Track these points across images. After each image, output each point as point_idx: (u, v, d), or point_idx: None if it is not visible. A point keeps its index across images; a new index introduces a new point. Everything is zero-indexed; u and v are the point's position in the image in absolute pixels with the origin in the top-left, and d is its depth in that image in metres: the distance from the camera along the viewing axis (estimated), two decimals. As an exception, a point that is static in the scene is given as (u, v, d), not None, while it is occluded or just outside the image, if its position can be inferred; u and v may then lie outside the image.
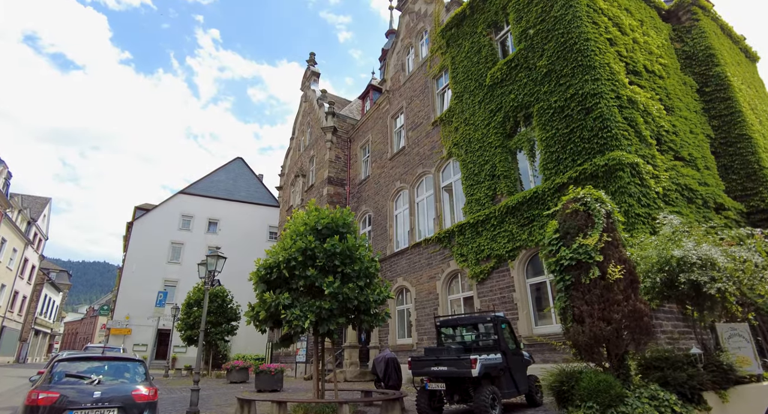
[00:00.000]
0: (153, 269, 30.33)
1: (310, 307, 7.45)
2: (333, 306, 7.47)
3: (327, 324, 7.53)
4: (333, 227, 8.47)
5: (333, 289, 7.52)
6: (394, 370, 11.30)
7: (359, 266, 8.02)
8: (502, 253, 11.75)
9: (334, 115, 23.74)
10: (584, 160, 10.10)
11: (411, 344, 14.76)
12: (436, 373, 6.99)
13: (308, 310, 7.44)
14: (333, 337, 7.89)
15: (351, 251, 8.07)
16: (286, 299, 7.53)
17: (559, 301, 6.69)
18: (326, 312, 7.46)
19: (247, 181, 36.58)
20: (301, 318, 7.36)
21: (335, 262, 7.94)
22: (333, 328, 7.62)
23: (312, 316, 7.28)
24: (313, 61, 30.01)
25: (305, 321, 7.25)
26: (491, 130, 13.14)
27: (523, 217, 11.33)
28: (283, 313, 7.44)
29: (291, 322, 7.35)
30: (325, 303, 7.45)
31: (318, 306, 7.42)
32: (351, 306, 7.70)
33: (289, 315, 7.33)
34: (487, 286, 12.17)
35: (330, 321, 7.58)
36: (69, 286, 61.38)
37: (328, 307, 7.43)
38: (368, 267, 8.18)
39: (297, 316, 7.35)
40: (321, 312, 7.43)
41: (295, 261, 7.85)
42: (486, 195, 12.78)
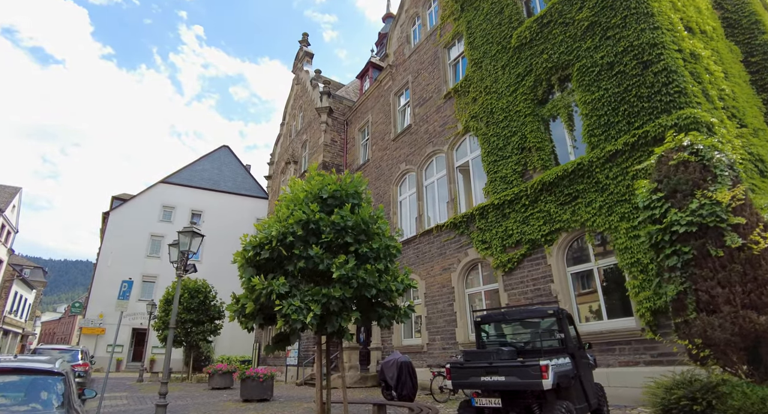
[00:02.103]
0: (130, 264, 27.94)
1: (314, 297, 5.52)
2: (346, 294, 5.53)
3: (337, 319, 5.59)
4: (342, 196, 6.55)
5: (345, 271, 5.59)
6: (409, 377, 9.41)
7: (378, 244, 6.10)
8: (536, 238, 9.95)
9: (329, 95, 21.77)
10: (644, 122, 8.34)
11: (420, 345, 12.89)
12: (488, 384, 5.12)
13: (311, 301, 5.51)
14: (345, 338, 5.95)
15: (367, 225, 6.15)
16: (282, 286, 5.59)
17: (673, 284, 4.85)
18: (336, 303, 5.53)
19: (234, 171, 34.31)
20: (301, 311, 5.42)
21: (346, 239, 6.01)
22: (345, 326, 5.68)
23: (317, 309, 5.34)
24: (306, 41, 27.98)
25: (307, 315, 5.31)
26: (519, 97, 11.34)
27: (564, 194, 9.54)
28: (278, 305, 5.48)
29: (288, 316, 5.40)
30: (335, 290, 5.52)
31: (325, 294, 5.48)
32: (368, 295, 5.77)
33: (286, 307, 5.38)
34: (517, 276, 10.35)
35: (341, 315, 5.65)
36: (44, 284, 58.18)
37: (339, 295, 5.50)
38: (389, 245, 6.27)
39: (296, 309, 5.41)
40: (329, 303, 5.50)
41: (293, 236, 5.91)
42: (514, 171, 10.96)
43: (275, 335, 6.47)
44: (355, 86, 25.41)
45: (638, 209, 5.28)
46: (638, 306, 7.71)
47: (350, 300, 5.72)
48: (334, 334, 5.84)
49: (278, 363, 20.74)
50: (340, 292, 5.49)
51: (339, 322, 5.59)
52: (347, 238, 6.04)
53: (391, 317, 6.24)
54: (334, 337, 5.93)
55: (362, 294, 5.82)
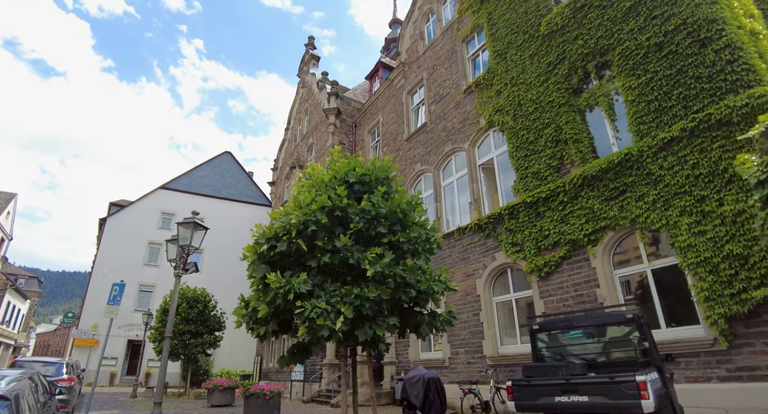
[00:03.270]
0: (127, 272, 26.74)
1: (344, 298, 4.48)
2: (382, 296, 4.49)
3: (371, 326, 4.54)
4: (371, 181, 5.57)
5: (380, 267, 4.57)
6: (437, 395, 8.28)
7: (417, 234, 5.08)
8: (577, 238, 8.92)
9: (337, 97, 20.97)
10: (705, 105, 7.40)
11: (441, 359, 11.74)
12: (567, 407, 4.06)
13: (340, 303, 4.46)
14: (379, 349, 4.90)
15: (404, 213, 5.15)
16: (304, 284, 4.55)
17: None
18: (371, 305, 4.49)
19: (236, 178, 33.38)
20: (328, 315, 4.37)
21: (379, 229, 5.01)
22: (381, 334, 4.62)
23: (348, 312, 4.30)
24: (312, 45, 27.38)
25: (336, 319, 4.26)
26: (551, 86, 10.44)
27: (609, 189, 8.55)
28: (299, 308, 4.44)
29: (312, 321, 4.35)
30: (370, 290, 4.48)
31: (358, 295, 4.45)
32: (407, 298, 4.73)
33: (310, 309, 4.35)
34: (554, 282, 9.29)
35: (375, 321, 4.60)
36: (39, 294, 56.76)
37: (374, 296, 4.46)
38: (429, 237, 5.26)
39: (322, 312, 4.36)
40: (362, 305, 4.45)
41: (316, 225, 4.89)
42: (548, 166, 9.99)
43: (293, 345, 5.41)
44: (362, 89, 24.67)
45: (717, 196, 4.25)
46: (708, 312, 6.65)
47: (386, 302, 4.67)
48: (366, 344, 4.78)
49: (281, 378, 19.47)
50: (376, 292, 4.45)
51: (373, 330, 4.54)
52: (380, 228, 5.03)
53: (432, 324, 5.19)
54: (365, 347, 4.87)
55: (398, 296, 4.78)
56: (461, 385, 9.00)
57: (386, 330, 4.62)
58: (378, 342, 4.80)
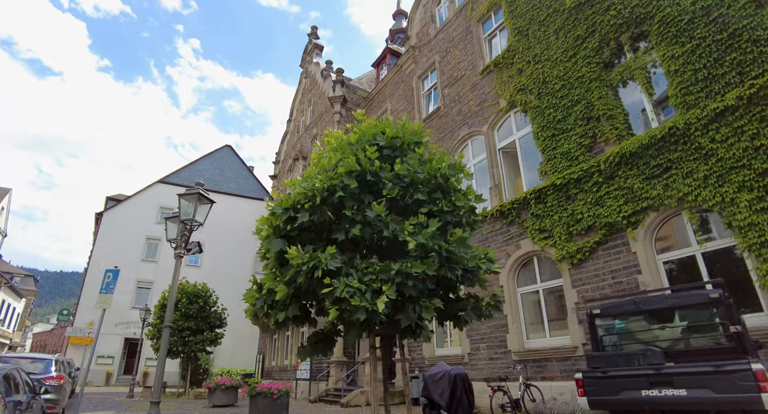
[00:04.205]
0: (124, 268, 25.81)
1: (382, 275, 3.72)
2: (428, 271, 3.73)
3: (414, 308, 3.78)
4: (403, 145, 4.81)
5: (424, 239, 3.81)
6: (465, 394, 7.53)
7: (463, 203, 4.33)
8: (615, 221, 8.18)
9: (343, 85, 20.20)
10: (766, 69, 6.66)
11: (460, 355, 10.99)
12: (658, 402, 3.31)
13: (377, 280, 3.70)
14: (423, 337, 4.15)
15: (445, 178, 4.39)
16: (333, 259, 3.78)
17: None
18: (414, 284, 3.72)
19: (236, 172, 32.57)
20: (363, 294, 3.60)
21: (417, 197, 4.24)
22: (429, 319, 3.85)
23: (391, 291, 3.53)
24: (316, 34, 26.59)
25: (378, 299, 3.49)
26: (580, 61, 9.71)
27: (650, 166, 7.81)
28: (327, 286, 3.68)
29: (345, 301, 3.59)
30: (414, 265, 3.71)
31: (400, 272, 3.68)
32: (454, 276, 3.97)
33: (342, 288, 3.58)
34: (588, 269, 8.55)
35: (418, 302, 3.83)
36: (35, 293, 55.88)
37: (419, 272, 3.70)
38: (474, 207, 4.50)
39: (355, 291, 3.59)
40: (404, 283, 3.69)
41: (344, 191, 4.13)
42: (579, 145, 9.25)
43: (313, 334, 4.66)
44: (368, 78, 23.90)
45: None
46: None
47: (431, 280, 3.91)
48: (406, 332, 4.02)
49: (285, 377, 18.71)
50: (421, 267, 3.69)
51: (418, 313, 3.77)
52: (418, 194, 4.27)
53: (477, 310, 4.42)
54: (404, 335, 4.11)
55: (443, 274, 4.02)
56: (489, 382, 8.26)
57: (432, 313, 3.86)
58: (421, 329, 4.05)
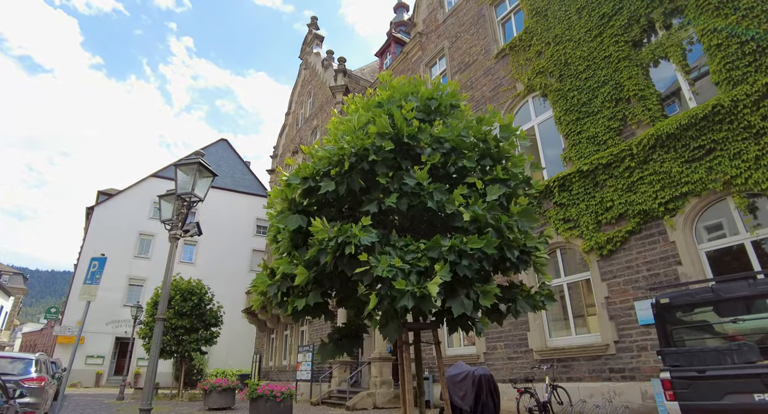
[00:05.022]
0: (116, 265, 25.01)
1: (431, 252, 3.02)
2: (487, 250, 3.04)
3: (469, 294, 3.08)
4: (440, 108, 4.13)
5: (478, 211, 3.12)
6: (491, 396, 6.85)
7: (520, 171, 3.66)
8: (649, 208, 7.55)
9: (345, 74, 19.49)
10: (827, 40, 6.05)
11: (475, 355, 10.32)
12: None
13: (424, 258, 3.01)
14: (477, 329, 3.47)
15: (496, 142, 3.71)
16: (368, 232, 3.08)
17: None
18: (471, 264, 3.04)
19: (232, 167, 31.70)
20: (407, 275, 2.91)
21: (463, 163, 3.55)
22: (487, 306, 3.16)
23: (444, 271, 2.84)
24: (316, 25, 25.87)
25: (429, 283, 2.80)
26: (606, 40, 9.08)
27: (691, 149, 7.19)
28: (359, 265, 2.98)
29: (387, 284, 2.90)
30: (471, 240, 3.02)
31: (454, 247, 2.99)
32: (512, 256, 3.28)
33: (382, 266, 2.87)
34: (619, 260, 7.91)
35: (472, 287, 3.14)
36: (24, 291, 54.56)
37: (476, 249, 3.01)
38: (529, 177, 3.83)
39: (398, 272, 2.89)
40: (458, 263, 2.99)
41: (377, 154, 3.44)
42: (607, 129, 8.62)
43: (336, 330, 3.95)
44: (370, 69, 23.22)
45: None
46: None
47: (488, 261, 3.21)
48: (456, 323, 3.33)
49: (284, 378, 17.96)
50: (479, 243, 2.99)
51: (473, 299, 3.08)
52: (464, 161, 3.58)
53: (530, 300, 3.74)
54: (455, 328, 3.42)
55: (499, 255, 3.33)
56: (515, 384, 7.60)
57: (491, 300, 3.16)
58: (474, 320, 3.37)
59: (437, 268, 2.82)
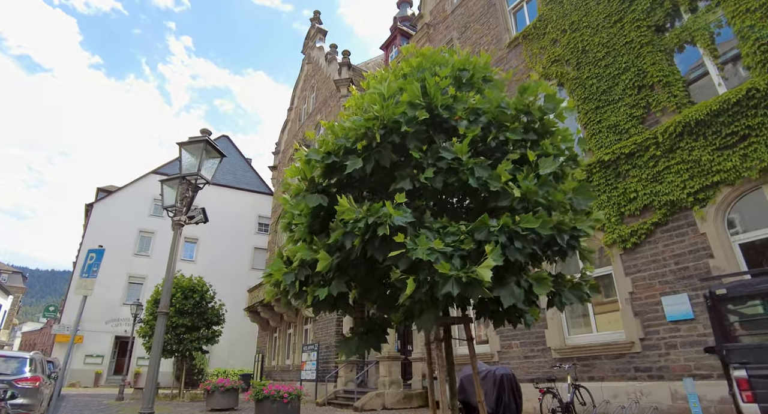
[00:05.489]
0: (115, 262, 24.62)
1: (477, 233, 2.64)
2: (541, 230, 2.67)
3: (518, 281, 2.71)
4: (472, 79, 3.75)
5: (530, 186, 2.75)
6: (513, 397, 6.48)
7: (570, 146, 3.30)
8: (677, 198, 7.18)
9: (349, 67, 19.12)
10: None
11: (489, 354, 9.93)
12: None
13: (467, 241, 2.63)
14: (527, 322, 3.11)
15: (542, 113, 3.34)
16: (403, 212, 2.70)
17: None
18: (525, 246, 2.66)
19: (234, 164, 31.29)
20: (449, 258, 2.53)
21: (507, 136, 3.18)
22: (542, 295, 2.78)
23: (495, 254, 2.46)
24: (318, 19, 25.48)
25: (479, 267, 2.42)
26: (627, 25, 8.71)
27: (722, 135, 6.81)
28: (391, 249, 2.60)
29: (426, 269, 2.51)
30: (526, 219, 2.65)
31: (505, 227, 2.60)
32: (561, 240, 2.90)
33: (423, 248, 2.49)
34: (644, 254, 7.53)
35: (520, 274, 2.77)
36: (23, 290, 54.21)
37: (528, 230, 2.63)
38: (576, 154, 3.45)
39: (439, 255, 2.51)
40: (507, 245, 2.61)
41: (410, 125, 3.06)
42: (629, 117, 8.24)
43: (360, 322, 3.57)
44: (375, 63, 22.83)
45: None
46: None
47: (539, 244, 2.83)
48: (503, 314, 2.95)
49: (287, 378, 17.58)
50: (535, 222, 2.62)
51: (525, 287, 2.71)
52: (507, 134, 3.20)
53: (577, 291, 3.36)
54: (501, 320, 3.04)
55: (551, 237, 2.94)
56: (536, 384, 7.22)
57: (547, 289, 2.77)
58: (524, 311, 3.00)
59: (488, 250, 2.45)
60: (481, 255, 2.69)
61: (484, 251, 2.66)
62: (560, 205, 2.89)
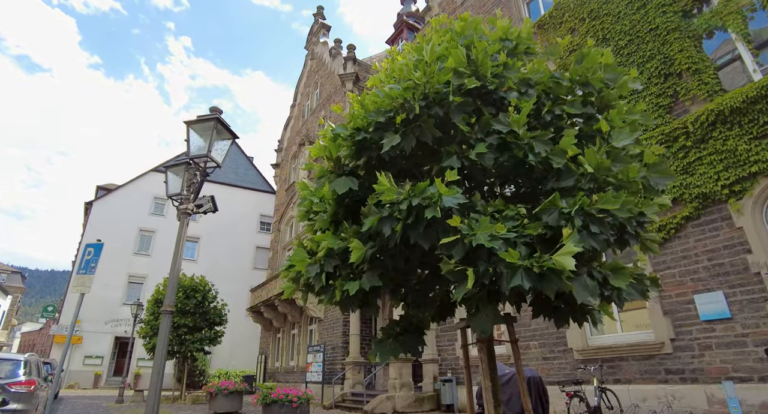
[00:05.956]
0: (115, 262, 24.23)
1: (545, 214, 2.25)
2: (622, 212, 2.28)
3: (591, 273, 2.31)
4: (515, 49, 3.38)
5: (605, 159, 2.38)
6: (540, 401, 6.08)
7: (640, 118, 2.92)
8: (710, 191, 6.79)
9: (355, 62, 18.72)
10: None
11: (505, 355, 9.53)
12: None
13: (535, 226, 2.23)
14: (596, 318, 2.71)
15: (603, 84, 2.94)
16: (456, 193, 2.30)
17: None
18: (602, 231, 2.27)
19: (235, 162, 30.89)
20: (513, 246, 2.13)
21: (565, 109, 2.81)
22: (622, 287, 2.39)
23: (574, 238, 2.06)
24: (322, 14, 25.10)
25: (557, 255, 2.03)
26: (652, 11, 8.33)
27: (760, 123, 6.42)
28: (451, 232, 2.20)
29: (485, 258, 2.11)
30: (606, 198, 2.26)
31: (583, 207, 2.21)
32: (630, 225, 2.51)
33: (482, 232, 2.11)
34: (674, 250, 7.14)
35: (592, 265, 2.38)
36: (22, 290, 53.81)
37: (608, 210, 2.24)
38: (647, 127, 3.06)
39: (503, 242, 2.11)
40: (588, 229, 2.22)
41: (458, 94, 2.67)
42: (656, 106, 7.86)
43: (393, 322, 3.18)
44: (380, 59, 22.41)
45: None
46: None
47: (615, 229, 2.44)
48: (571, 313, 2.56)
49: (291, 379, 17.18)
50: (615, 202, 2.24)
51: (598, 279, 2.32)
52: (566, 107, 2.82)
53: (640, 285, 2.95)
54: (564, 319, 2.65)
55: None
56: (563, 387, 6.83)
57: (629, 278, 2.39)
58: (593, 309, 2.61)
59: (565, 234, 2.06)
60: (546, 242, 2.29)
61: (551, 238, 2.27)
62: (633, 184, 2.50)
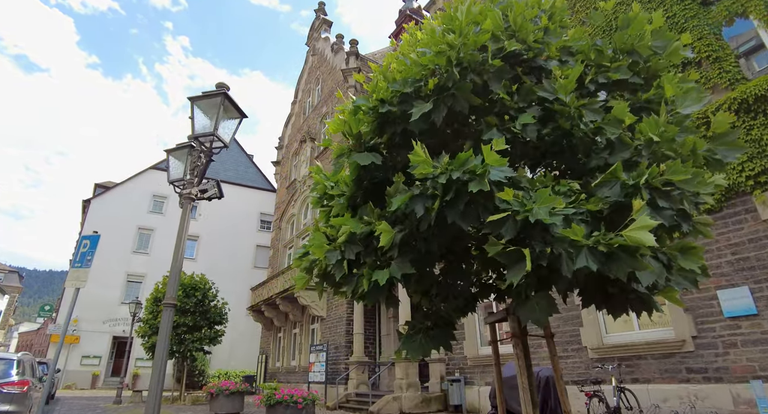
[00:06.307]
0: (113, 260, 23.90)
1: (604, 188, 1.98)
2: (691, 185, 2.01)
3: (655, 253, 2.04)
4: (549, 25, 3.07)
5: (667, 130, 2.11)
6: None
7: (692, 91, 2.64)
8: (734, 182, 6.53)
9: (357, 57, 18.44)
10: None
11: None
12: None
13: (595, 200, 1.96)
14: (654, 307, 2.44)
15: (651, 52, 2.66)
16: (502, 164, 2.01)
17: None
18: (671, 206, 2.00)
19: (236, 160, 30.57)
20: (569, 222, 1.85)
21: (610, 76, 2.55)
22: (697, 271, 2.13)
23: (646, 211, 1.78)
24: (323, 10, 24.84)
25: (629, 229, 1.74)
26: (668, 0, 8.08)
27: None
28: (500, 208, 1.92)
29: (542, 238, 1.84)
30: (675, 168, 2.00)
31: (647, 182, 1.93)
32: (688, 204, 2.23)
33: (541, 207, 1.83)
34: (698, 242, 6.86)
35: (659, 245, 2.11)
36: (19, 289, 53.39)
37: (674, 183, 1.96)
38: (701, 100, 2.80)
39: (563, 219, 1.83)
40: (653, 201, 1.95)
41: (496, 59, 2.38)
42: (674, 95, 7.58)
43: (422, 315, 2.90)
44: (382, 55, 22.14)
45: None
46: None
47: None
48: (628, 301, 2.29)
49: (292, 379, 16.89)
50: (684, 173, 1.96)
51: (663, 261, 2.05)
52: (609, 73, 2.55)
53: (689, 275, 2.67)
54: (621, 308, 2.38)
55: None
56: (582, 387, 6.56)
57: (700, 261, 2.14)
58: (650, 298, 2.34)
59: (636, 206, 1.78)
60: (599, 221, 2.02)
61: (607, 216, 2.00)
62: (697, 158, 2.24)
